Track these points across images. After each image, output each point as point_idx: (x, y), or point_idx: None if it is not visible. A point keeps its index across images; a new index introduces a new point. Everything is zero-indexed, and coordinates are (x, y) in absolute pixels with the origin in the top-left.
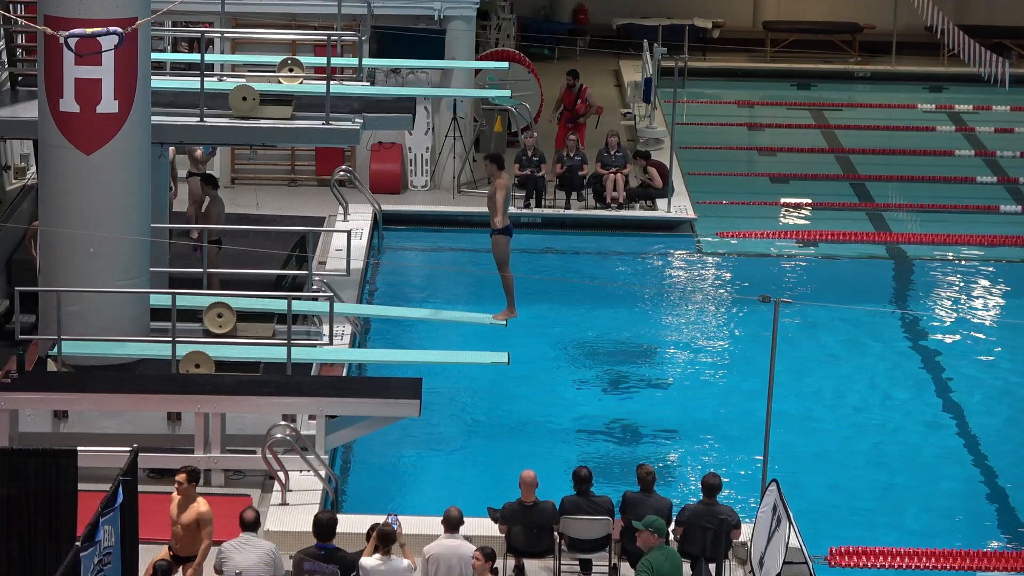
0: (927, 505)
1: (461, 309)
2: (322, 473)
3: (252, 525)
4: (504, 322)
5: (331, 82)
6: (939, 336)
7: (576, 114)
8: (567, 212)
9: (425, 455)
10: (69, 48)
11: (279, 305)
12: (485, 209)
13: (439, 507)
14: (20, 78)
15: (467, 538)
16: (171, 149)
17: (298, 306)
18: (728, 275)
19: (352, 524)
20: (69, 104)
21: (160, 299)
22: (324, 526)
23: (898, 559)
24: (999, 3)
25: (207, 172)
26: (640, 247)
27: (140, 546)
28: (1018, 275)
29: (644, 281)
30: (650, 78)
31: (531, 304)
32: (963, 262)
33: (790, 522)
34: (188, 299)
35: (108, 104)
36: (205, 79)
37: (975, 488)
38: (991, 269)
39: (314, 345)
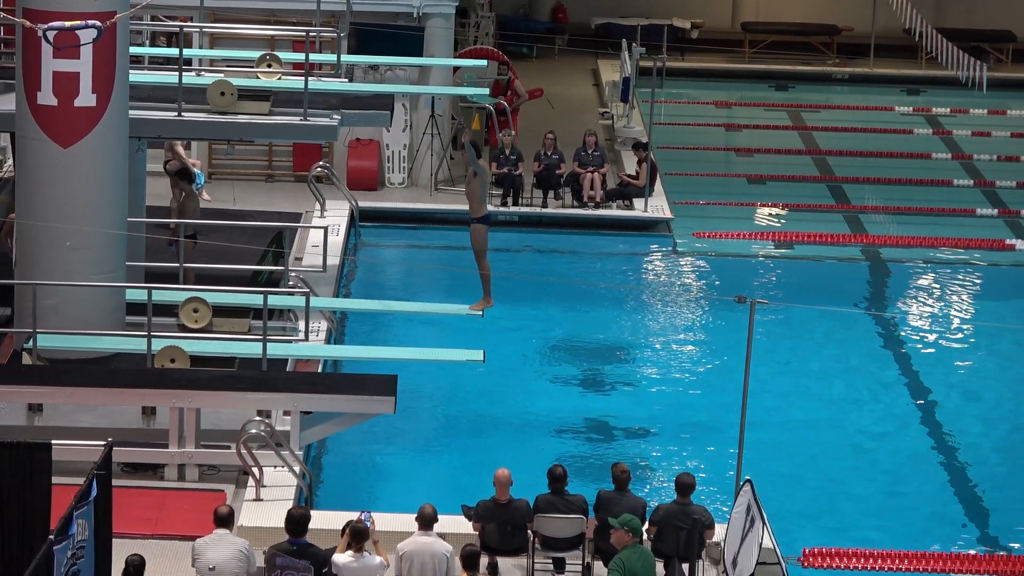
0: (901, 507)
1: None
2: (296, 469)
3: (226, 520)
4: (480, 312)
5: (309, 78)
6: (914, 338)
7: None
8: (544, 211)
9: (399, 452)
10: (47, 41)
11: (255, 300)
12: (462, 207)
13: (413, 504)
14: None
15: (441, 536)
16: None
17: (274, 301)
18: (704, 275)
19: (326, 520)
20: (47, 97)
21: (136, 293)
22: (297, 521)
23: (871, 560)
24: (977, 6)
25: (182, 167)
26: (617, 247)
27: (114, 540)
28: (993, 278)
29: (620, 281)
30: (628, 78)
31: (508, 302)
32: (939, 264)
33: (764, 522)
34: (164, 294)
35: (86, 97)
36: (183, 74)
37: (949, 490)
38: (966, 272)
39: (290, 341)
